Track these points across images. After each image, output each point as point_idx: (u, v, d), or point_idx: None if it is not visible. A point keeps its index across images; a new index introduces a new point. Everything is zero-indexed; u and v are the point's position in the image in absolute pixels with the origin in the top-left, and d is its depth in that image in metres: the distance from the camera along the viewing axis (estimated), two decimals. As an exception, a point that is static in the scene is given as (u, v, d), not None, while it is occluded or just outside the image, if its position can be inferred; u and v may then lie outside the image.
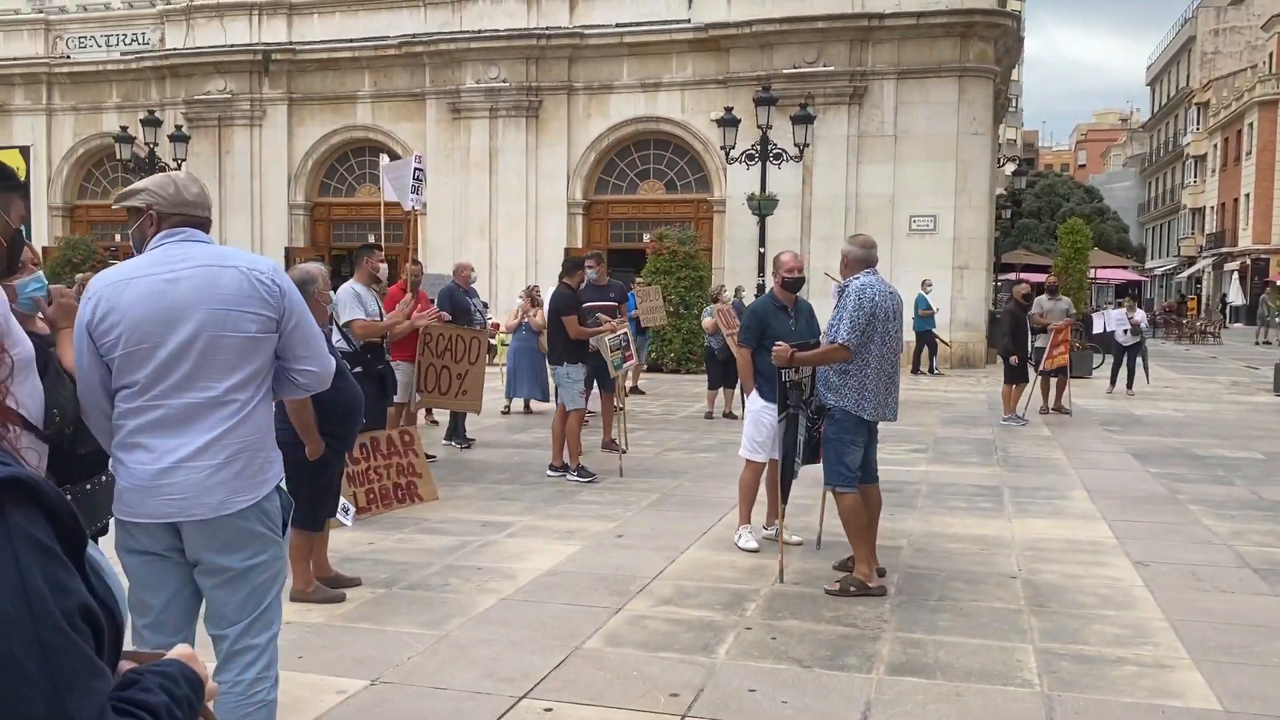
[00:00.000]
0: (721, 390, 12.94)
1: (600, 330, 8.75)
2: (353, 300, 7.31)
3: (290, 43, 24.67)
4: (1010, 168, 34.63)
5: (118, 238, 26.89)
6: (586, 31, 22.70)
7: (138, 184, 3.06)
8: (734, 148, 19.90)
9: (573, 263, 9.24)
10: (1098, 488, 8.51)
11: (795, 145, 19.78)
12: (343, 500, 6.71)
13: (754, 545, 6.47)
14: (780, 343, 5.47)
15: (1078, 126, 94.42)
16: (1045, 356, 13.04)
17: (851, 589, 5.28)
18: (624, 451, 10.02)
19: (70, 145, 26.81)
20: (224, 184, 25.29)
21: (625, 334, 8.96)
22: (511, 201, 23.36)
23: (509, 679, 4.26)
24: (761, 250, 20.17)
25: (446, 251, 23.57)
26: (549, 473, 8.77)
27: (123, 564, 2.92)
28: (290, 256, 22.72)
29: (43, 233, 26.61)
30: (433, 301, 9.79)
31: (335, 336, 7.10)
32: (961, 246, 21.45)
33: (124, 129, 23.44)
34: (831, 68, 21.51)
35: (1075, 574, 5.91)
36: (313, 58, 24.53)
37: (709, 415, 12.93)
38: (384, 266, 7.53)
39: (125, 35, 26.35)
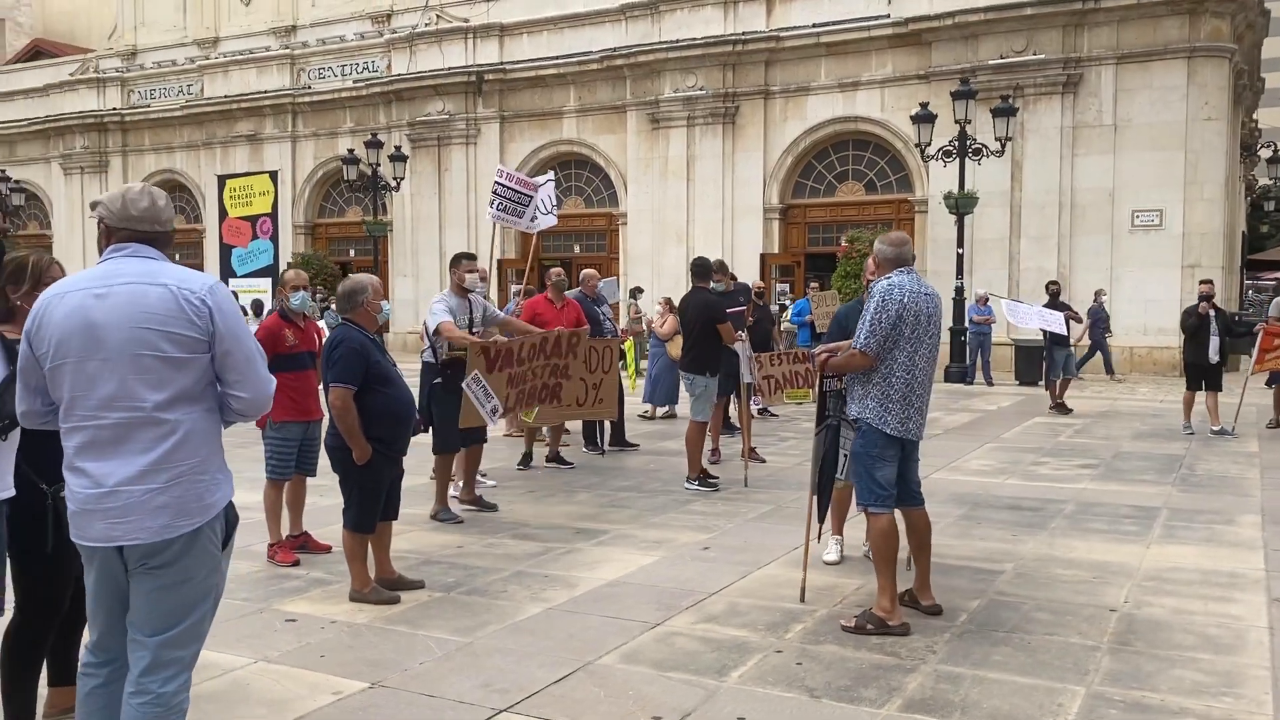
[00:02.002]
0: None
1: (739, 338, 8.57)
2: (442, 309, 7.36)
3: (501, 63, 25.75)
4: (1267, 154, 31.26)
5: (351, 252, 29.03)
6: (783, 34, 22.40)
7: (100, 197, 3.20)
8: (929, 144, 19.07)
9: (705, 266, 9.06)
10: (1278, 513, 7.51)
11: (997, 140, 18.71)
12: (494, 400, 6.85)
13: (834, 558, 6.14)
14: (818, 348, 5.12)
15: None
16: (1254, 360, 11.65)
17: (869, 626, 4.83)
18: (763, 461, 9.80)
19: (311, 168, 29.09)
20: (443, 200, 26.73)
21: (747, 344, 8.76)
22: (708, 208, 23.37)
23: (502, 691, 4.21)
24: (960, 251, 19.23)
25: (645, 259, 23.93)
26: (686, 485, 8.61)
27: None
28: (503, 267, 23.64)
29: (287, 250, 28.98)
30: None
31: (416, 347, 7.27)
32: (1192, 243, 19.58)
33: (350, 151, 25.22)
34: (1042, 56, 20.19)
35: (1188, 610, 5.22)
36: (522, 76, 25.50)
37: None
38: (474, 277, 7.56)
39: (358, 64, 28.34)
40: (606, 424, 10.41)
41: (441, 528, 7.23)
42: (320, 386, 5.83)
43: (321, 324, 20.20)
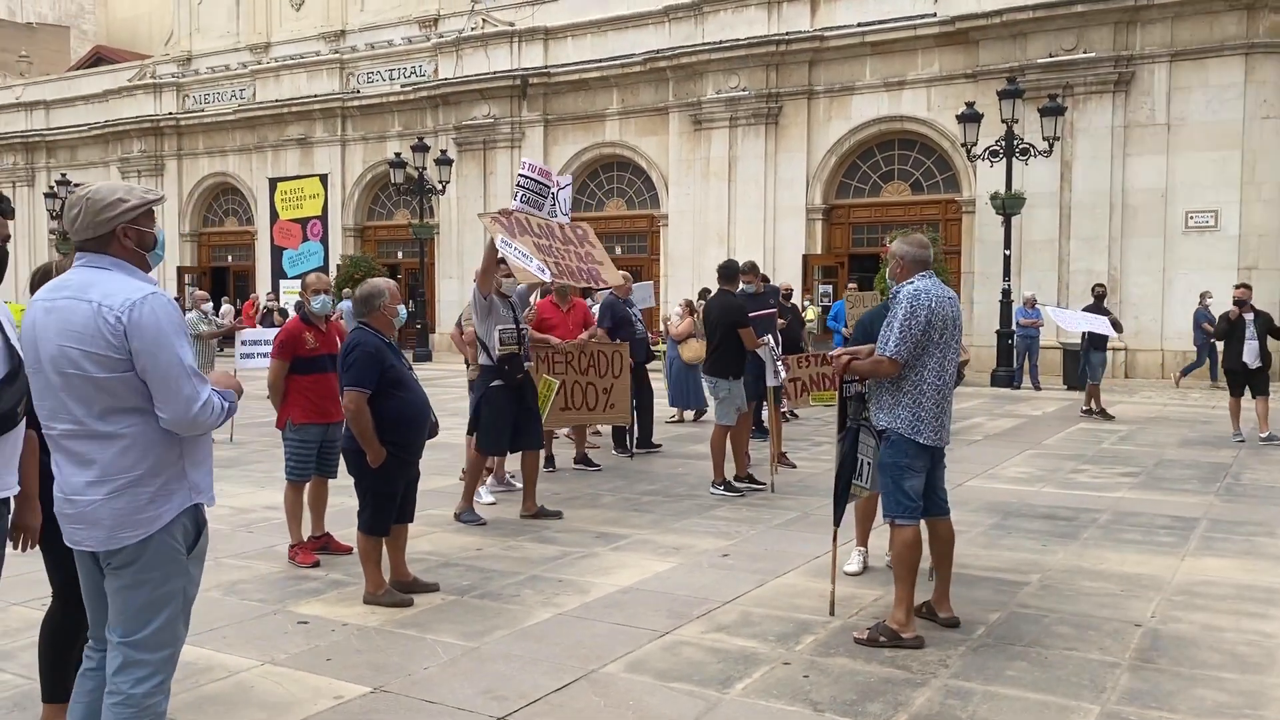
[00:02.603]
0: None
1: (762, 343, 8.48)
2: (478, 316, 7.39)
3: (545, 67, 25.83)
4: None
5: (400, 255, 29.30)
6: (827, 34, 22.20)
7: None
8: (975, 144, 18.76)
9: (730, 270, 8.98)
10: (1324, 524, 7.26)
11: (1044, 139, 18.37)
12: (534, 260, 7.09)
13: (856, 569, 6.03)
14: (838, 351, 5.02)
15: None
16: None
17: (881, 639, 4.71)
18: (793, 466, 9.69)
19: (360, 172, 29.41)
20: (488, 202, 26.80)
21: (772, 346, 8.61)
22: (749, 209, 23.23)
23: (502, 698, 4.18)
24: (1007, 253, 18.90)
25: (686, 260, 23.85)
26: (710, 490, 8.55)
27: None
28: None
29: (337, 252, 29.32)
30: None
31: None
32: (1249, 245, 19.07)
33: (397, 155, 25.46)
34: (1093, 54, 19.78)
35: (1218, 626, 5.04)
36: (565, 79, 25.55)
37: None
38: (509, 282, 7.56)
39: (405, 69, 28.60)
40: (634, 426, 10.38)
41: (464, 529, 7.24)
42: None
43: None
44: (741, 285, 8.96)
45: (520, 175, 8.42)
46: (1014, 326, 18.30)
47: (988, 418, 13.86)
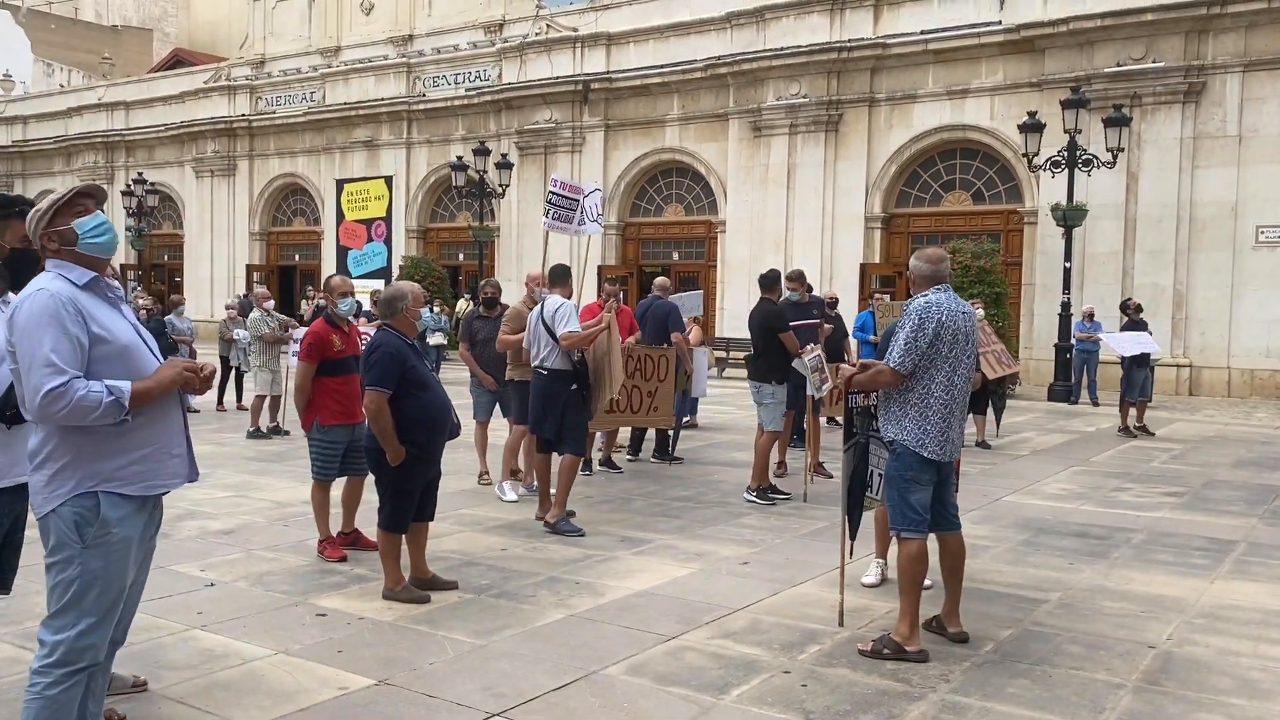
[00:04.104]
0: (971, 415, 12.06)
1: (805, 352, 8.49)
2: (572, 314, 7.47)
3: (607, 72, 26.00)
4: None
5: (461, 257, 29.69)
6: (889, 41, 22.03)
7: None
8: (1037, 154, 18.48)
9: (770, 279, 9.03)
10: (1369, 551, 7.04)
11: (1109, 150, 18.03)
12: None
13: (873, 580, 6.02)
14: (844, 365, 5.03)
15: None
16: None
17: (885, 651, 4.70)
18: (830, 477, 9.65)
19: (424, 174, 29.88)
20: (548, 206, 27.08)
21: (819, 354, 8.57)
22: (808, 217, 23.13)
23: (500, 695, 4.27)
24: (1067, 265, 18.58)
25: (743, 267, 23.80)
26: (744, 496, 8.58)
27: None
28: (601, 274, 23.83)
29: (400, 253, 29.80)
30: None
31: (546, 354, 7.41)
32: (1322, 260, 18.49)
33: (459, 158, 25.82)
34: (1162, 64, 19.35)
35: (1235, 650, 4.95)
36: (626, 85, 25.69)
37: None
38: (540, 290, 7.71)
39: (470, 73, 29.00)
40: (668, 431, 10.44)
41: (492, 529, 7.36)
42: None
43: (432, 327, 20.71)
44: (786, 293, 8.98)
45: (551, 192, 8.55)
46: (1072, 340, 17.99)
47: (1038, 432, 13.64)
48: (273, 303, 13.26)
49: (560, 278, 7.74)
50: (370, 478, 5.80)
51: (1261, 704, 4.29)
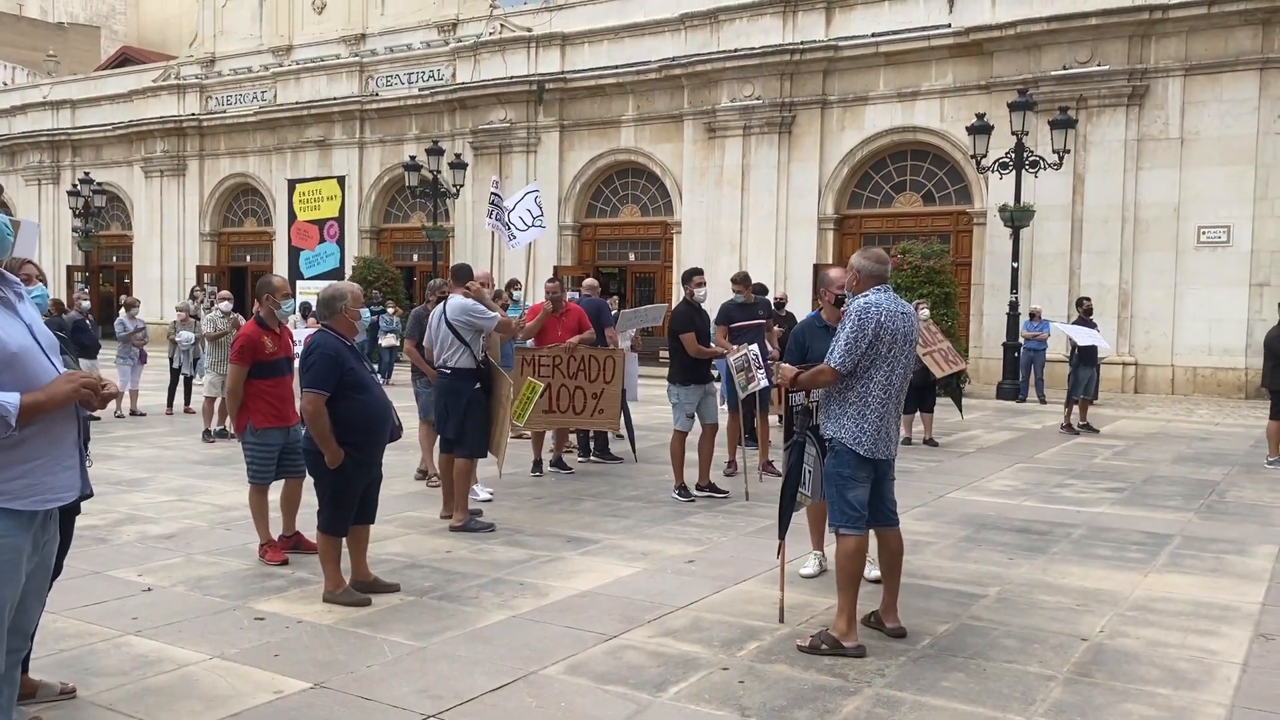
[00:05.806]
0: (919, 413, 12.21)
1: (717, 352, 8.53)
2: (477, 305, 7.41)
3: (562, 72, 25.96)
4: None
5: (415, 257, 29.48)
6: (841, 44, 22.20)
7: None
8: (985, 156, 18.74)
9: (685, 277, 9.15)
10: (1299, 544, 7.22)
11: (1055, 152, 18.32)
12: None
13: (811, 571, 6.07)
14: (784, 364, 5.07)
15: None
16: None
17: (823, 646, 4.75)
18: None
19: (377, 174, 29.63)
20: (502, 207, 26.98)
21: (751, 354, 8.60)
22: (762, 217, 23.24)
23: (437, 697, 4.25)
24: (1014, 265, 18.85)
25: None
26: (673, 495, 8.63)
27: None
28: (559, 274, 23.81)
29: (353, 254, 29.53)
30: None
31: (450, 353, 7.37)
32: (1261, 261, 18.89)
33: (412, 158, 25.66)
34: (1106, 67, 19.67)
35: (1164, 642, 5.05)
36: (581, 85, 25.66)
37: (907, 440, 12.19)
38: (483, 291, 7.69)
39: (424, 73, 28.81)
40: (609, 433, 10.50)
41: (438, 532, 7.32)
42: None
43: (385, 328, 20.60)
44: (731, 295, 9.03)
45: (492, 193, 8.61)
46: (1020, 339, 18.24)
47: (985, 430, 13.83)
48: (229, 304, 12.98)
49: (460, 277, 7.70)
50: (309, 480, 5.74)
51: (1188, 694, 4.39)
